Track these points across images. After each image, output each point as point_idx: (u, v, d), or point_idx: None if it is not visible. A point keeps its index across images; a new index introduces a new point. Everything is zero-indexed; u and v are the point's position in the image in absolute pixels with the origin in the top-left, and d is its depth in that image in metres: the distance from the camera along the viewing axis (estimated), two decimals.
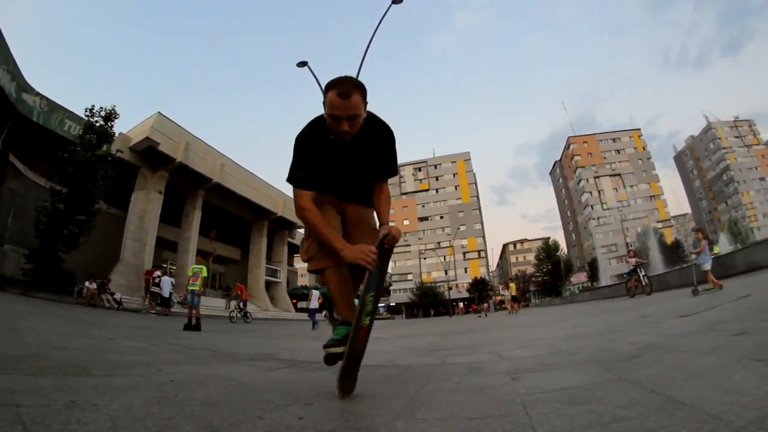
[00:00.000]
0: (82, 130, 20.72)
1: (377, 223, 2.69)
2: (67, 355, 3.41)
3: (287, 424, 1.73)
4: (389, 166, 2.62)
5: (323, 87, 2.33)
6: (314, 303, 18.92)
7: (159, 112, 27.30)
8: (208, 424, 1.67)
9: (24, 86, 21.58)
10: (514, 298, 27.08)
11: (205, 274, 11.94)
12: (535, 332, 7.24)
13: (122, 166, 24.84)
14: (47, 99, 23.26)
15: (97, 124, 20.78)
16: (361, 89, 2.26)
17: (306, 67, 14.11)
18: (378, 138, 2.52)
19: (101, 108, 21.16)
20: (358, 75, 12.19)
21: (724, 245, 35.85)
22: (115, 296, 19.53)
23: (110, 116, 21.19)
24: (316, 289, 23.49)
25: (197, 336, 8.18)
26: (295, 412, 1.92)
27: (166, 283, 19.18)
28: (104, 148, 20.87)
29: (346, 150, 2.42)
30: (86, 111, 20.89)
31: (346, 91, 2.19)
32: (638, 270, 16.85)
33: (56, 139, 22.71)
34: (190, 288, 11.84)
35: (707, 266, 11.17)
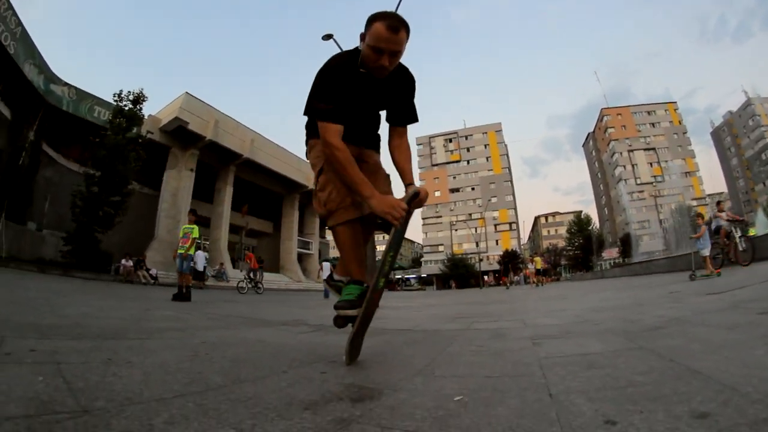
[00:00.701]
0: (112, 115, 21.18)
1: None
2: (104, 323, 3.58)
3: (310, 377, 1.81)
4: (413, 112, 2.54)
5: (367, 18, 2.19)
6: (326, 274, 19.07)
7: (187, 92, 27.60)
8: (236, 377, 1.76)
9: (51, 78, 22.24)
10: (538, 272, 27.45)
11: (196, 234, 10.14)
12: (562, 304, 7.25)
13: (153, 147, 25.41)
14: (75, 88, 23.88)
15: (126, 108, 21.19)
16: (408, 27, 2.16)
17: (332, 39, 14.00)
18: (404, 82, 2.44)
19: (129, 92, 21.58)
20: None
21: (761, 226, 34.73)
22: (151, 272, 20.17)
23: (138, 99, 21.59)
24: (327, 261, 23.73)
25: (231, 306, 8.36)
26: (319, 368, 2.00)
27: (200, 257, 19.74)
28: (134, 130, 21.33)
29: (376, 87, 2.32)
30: (114, 96, 21.34)
31: (395, 24, 2.11)
32: (733, 231, 12.16)
33: (87, 125, 23.29)
34: (179, 251, 9.94)
35: (706, 252, 10.93)
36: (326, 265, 19.64)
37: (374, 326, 4.50)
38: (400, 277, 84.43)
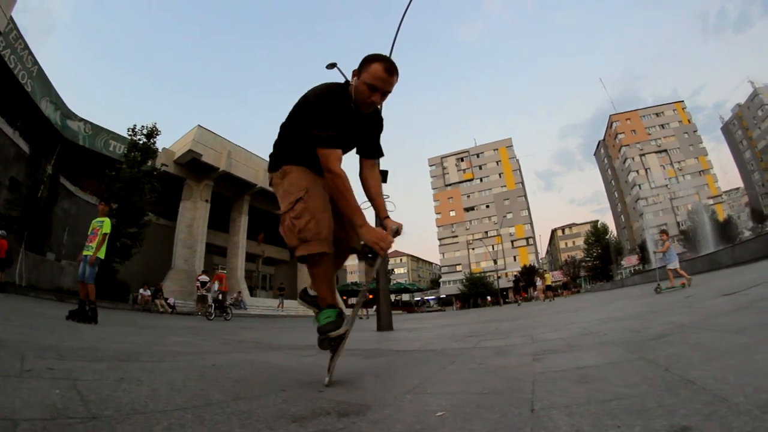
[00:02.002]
0: (127, 149, 21.75)
1: None
2: (120, 347, 3.73)
3: (306, 396, 1.91)
4: (380, 146, 2.70)
5: (364, 58, 2.35)
6: None
7: (199, 125, 28.22)
8: (235, 395, 1.89)
9: (68, 114, 23.14)
10: (548, 287, 28.46)
11: (107, 229, 7.89)
12: (573, 317, 7.26)
13: (168, 179, 26.02)
14: (91, 123, 24.72)
15: (140, 142, 21.76)
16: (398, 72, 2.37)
17: (336, 68, 14.29)
18: (377, 119, 2.62)
19: (143, 126, 22.16)
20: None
21: None
22: (168, 301, 20.41)
23: (152, 133, 22.17)
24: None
25: (247, 332, 8.42)
26: (317, 388, 2.10)
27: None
28: (149, 163, 21.86)
29: (359, 123, 2.46)
30: (129, 130, 21.94)
31: (392, 68, 2.31)
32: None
33: (103, 159, 23.98)
34: (84, 253, 7.68)
35: (671, 265, 11.36)
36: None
37: (382, 347, 4.64)
38: (419, 299, 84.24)
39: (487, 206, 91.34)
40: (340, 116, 2.32)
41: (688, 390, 1.48)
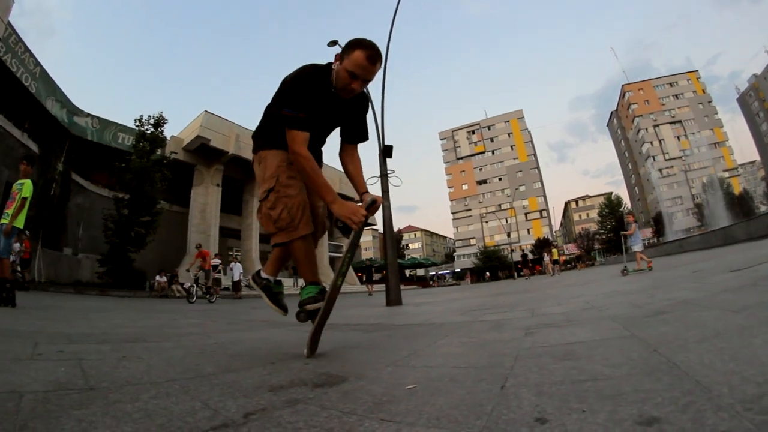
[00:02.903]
0: (135, 140, 21.97)
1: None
2: (130, 331, 3.88)
3: (291, 367, 2.00)
4: (365, 130, 2.71)
5: (348, 42, 2.32)
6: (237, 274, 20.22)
7: (206, 111, 28.39)
8: (226, 368, 2.00)
9: (74, 110, 23.49)
10: (555, 262, 28.84)
11: (28, 193, 6.58)
12: (582, 290, 7.33)
13: (179, 166, 26.32)
14: (99, 118, 25.09)
15: (148, 132, 21.94)
16: (382, 60, 2.37)
17: (337, 45, 14.26)
18: (361, 103, 2.63)
19: (149, 116, 22.31)
20: (388, 43, 12.25)
21: None
22: (184, 286, 20.76)
23: (159, 122, 22.33)
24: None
25: (258, 311, 8.32)
26: (306, 361, 2.18)
27: (237, 268, 20.28)
28: (158, 152, 22.07)
29: (339, 106, 2.47)
30: (136, 121, 22.11)
31: (375, 56, 2.28)
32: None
33: (112, 152, 24.31)
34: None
35: (637, 247, 11.69)
36: (237, 266, 20.34)
37: (384, 322, 4.74)
38: (434, 273, 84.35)
39: (500, 179, 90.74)
40: (316, 98, 2.34)
41: (671, 375, 1.41)
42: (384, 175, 11.27)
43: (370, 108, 2.70)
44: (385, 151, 11.33)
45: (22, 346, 2.49)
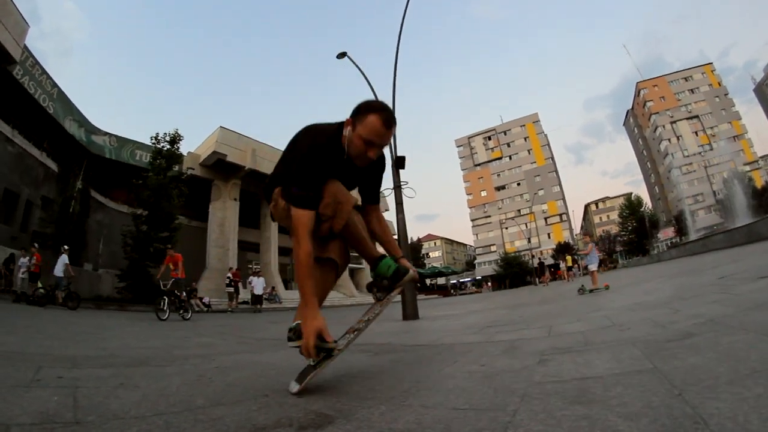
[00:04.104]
0: (152, 157, 22.33)
1: None
2: (137, 353, 3.88)
3: (283, 402, 1.93)
4: (378, 191, 2.59)
5: (359, 106, 2.19)
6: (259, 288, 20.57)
7: (221, 127, 28.78)
8: (217, 400, 1.95)
9: (92, 130, 24.17)
10: (569, 269, 29.22)
11: None
12: (602, 301, 7.16)
13: (196, 182, 26.77)
14: (116, 136, 25.68)
15: (164, 149, 22.27)
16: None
17: (346, 57, 14.33)
18: (378, 165, 2.47)
19: (165, 134, 22.65)
20: (396, 56, 12.29)
21: None
22: (203, 300, 20.96)
23: (175, 139, 22.66)
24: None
25: (275, 326, 8.36)
26: (301, 393, 2.07)
27: (259, 282, 20.44)
28: (175, 168, 22.38)
29: (355, 173, 2.34)
30: (152, 139, 22.47)
31: (391, 118, 2.15)
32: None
33: (131, 169, 24.81)
34: None
35: (593, 266, 11.84)
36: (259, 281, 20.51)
37: (394, 342, 4.65)
38: (455, 282, 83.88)
39: (518, 184, 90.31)
40: (327, 171, 2.19)
41: None
42: (398, 187, 11.24)
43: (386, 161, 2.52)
44: (398, 162, 11.28)
45: (25, 371, 2.52)
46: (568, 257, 30.41)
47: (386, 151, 12.17)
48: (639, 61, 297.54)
